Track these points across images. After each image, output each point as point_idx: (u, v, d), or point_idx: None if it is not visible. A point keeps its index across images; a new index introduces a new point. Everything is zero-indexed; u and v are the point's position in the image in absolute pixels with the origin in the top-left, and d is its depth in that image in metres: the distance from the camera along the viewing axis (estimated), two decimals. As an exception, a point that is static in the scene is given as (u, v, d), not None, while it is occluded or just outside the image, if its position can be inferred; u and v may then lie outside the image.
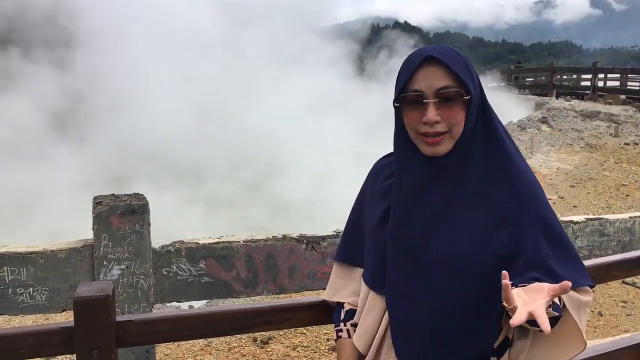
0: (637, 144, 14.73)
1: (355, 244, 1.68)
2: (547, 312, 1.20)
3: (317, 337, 4.77)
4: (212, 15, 18.15)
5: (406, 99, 1.43)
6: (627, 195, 10.45)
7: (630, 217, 3.88)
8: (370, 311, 1.56)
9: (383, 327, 1.52)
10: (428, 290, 1.43)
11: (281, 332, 4.80)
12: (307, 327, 4.80)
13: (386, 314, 1.52)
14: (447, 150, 1.43)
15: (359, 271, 1.66)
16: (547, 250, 1.38)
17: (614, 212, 9.00)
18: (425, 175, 1.47)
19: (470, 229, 1.41)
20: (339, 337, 1.68)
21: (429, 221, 1.45)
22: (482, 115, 1.46)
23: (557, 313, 1.27)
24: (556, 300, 1.28)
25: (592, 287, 1.46)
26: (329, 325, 1.89)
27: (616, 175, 11.90)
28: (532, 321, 1.18)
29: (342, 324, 1.68)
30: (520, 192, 1.43)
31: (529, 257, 1.37)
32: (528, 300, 1.20)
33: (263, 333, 4.70)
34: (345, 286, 1.71)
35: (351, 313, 1.68)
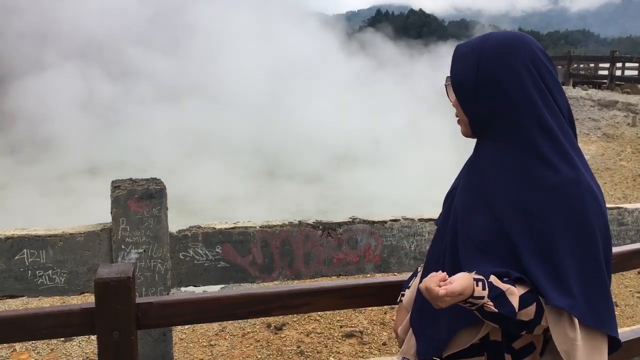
0: (655, 134, 14.52)
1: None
2: (486, 306, 1.29)
3: (330, 323, 4.78)
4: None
5: None
6: (644, 186, 10.32)
7: (648, 207, 3.84)
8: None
9: None
10: (442, 259, 1.56)
11: (295, 319, 4.82)
12: (321, 314, 4.82)
13: None
14: (463, 132, 1.57)
15: None
16: (524, 255, 1.35)
17: (630, 202, 8.90)
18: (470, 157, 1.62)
19: (472, 215, 1.48)
20: (400, 300, 1.82)
21: (455, 199, 1.59)
22: (512, 107, 1.41)
23: (496, 310, 1.29)
24: (512, 300, 1.30)
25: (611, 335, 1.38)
26: (342, 311, 1.98)
27: (633, 165, 11.75)
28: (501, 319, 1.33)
29: (406, 290, 1.81)
30: (520, 196, 1.39)
31: (499, 252, 1.38)
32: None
33: (277, 319, 4.73)
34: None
35: None
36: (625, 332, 2.52)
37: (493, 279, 1.31)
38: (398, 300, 1.85)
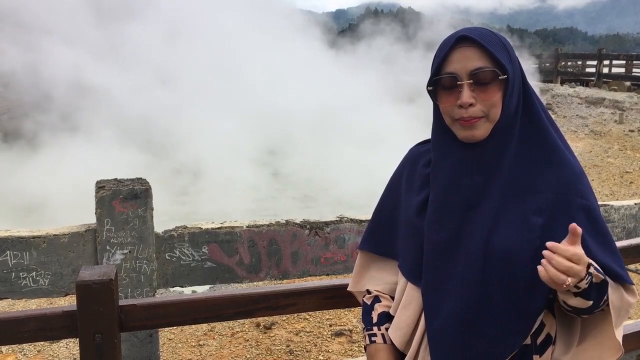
0: (641, 131, 14.65)
1: (383, 233, 1.61)
2: (595, 275, 1.24)
3: (319, 322, 4.78)
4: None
5: (440, 82, 1.37)
6: (631, 183, 10.40)
7: (635, 204, 3.86)
8: (408, 304, 1.49)
9: (422, 324, 1.45)
10: (461, 280, 1.37)
11: (284, 318, 4.81)
12: (310, 313, 4.81)
13: None
14: (484, 135, 1.36)
15: (387, 261, 1.61)
16: (587, 239, 1.32)
17: (617, 199, 8.97)
18: (462, 162, 1.40)
19: (506, 219, 1.35)
20: (372, 341, 1.56)
21: (465, 210, 1.39)
22: (523, 100, 1.39)
23: (603, 276, 1.26)
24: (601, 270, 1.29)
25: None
26: (331, 310, 1.87)
27: (620, 162, 11.84)
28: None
29: (375, 328, 1.57)
30: (560, 181, 1.36)
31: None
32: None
33: (266, 318, 4.71)
34: (371, 276, 1.65)
35: (385, 316, 1.58)
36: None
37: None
38: (367, 342, 1.58)
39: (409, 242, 1.51)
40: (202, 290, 4.99)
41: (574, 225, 1.19)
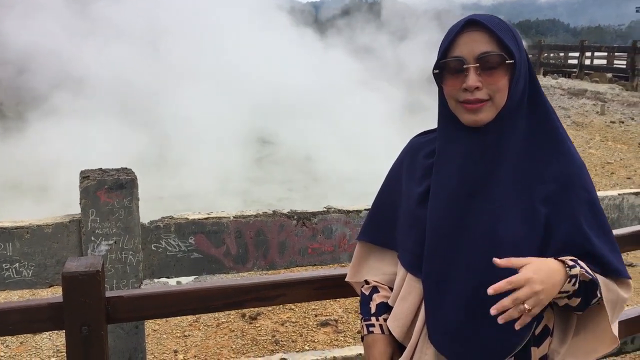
0: (622, 122, 14.81)
1: (382, 224, 1.60)
2: (582, 274, 1.26)
3: (305, 312, 4.78)
4: None
5: (446, 66, 1.36)
6: (612, 173, 10.53)
7: (619, 194, 3.90)
8: (408, 295, 1.48)
9: (422, 315, 1.44)
10: (464, 269, 1.36)
11: (270, 308, 4.81)
12: (296, 303, 4.81)
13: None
14: (488, 119, 1.35)
15: (386, 252, 1.60)
16: (589, 232, 1.34)
17: (599, 190, 9.07)
18: (466, 148, 1.38)
19: (510, 207, 1.34)
20: (370, 332, 1.56)
21: (469, 197, 1.37)
22: (529, 87, 1.39)
23: (590, 276, 1.28)
24: (589, 270, 1.30)
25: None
26: (317, 301, 1.86)
27: (602, 153, 11.98)
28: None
29: (373, 318, 1.56)
30: (565, 171, 1.36)
31: (567, 239, 1.32)
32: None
33: (251, 309, 4.70)
34: (370, 266, 1.64)
35: (383, 307, 1.57)
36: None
37: (563, 258, 1.29)
38: (365, 333, 1.57)
39: (409, 233, 1.49)
40: (187, 281, 4.96)
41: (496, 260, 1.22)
